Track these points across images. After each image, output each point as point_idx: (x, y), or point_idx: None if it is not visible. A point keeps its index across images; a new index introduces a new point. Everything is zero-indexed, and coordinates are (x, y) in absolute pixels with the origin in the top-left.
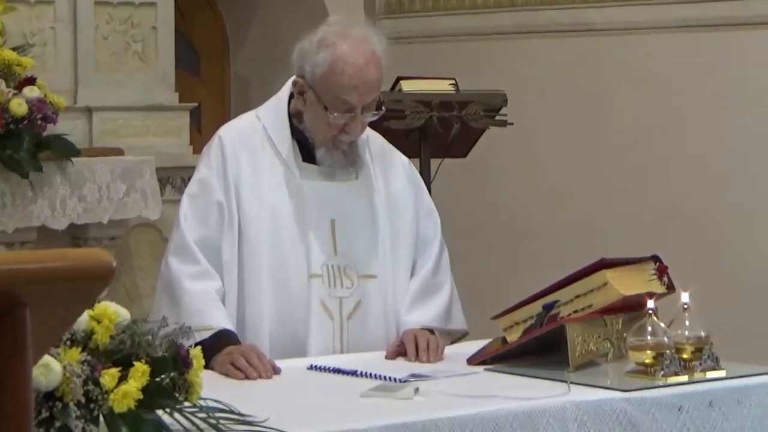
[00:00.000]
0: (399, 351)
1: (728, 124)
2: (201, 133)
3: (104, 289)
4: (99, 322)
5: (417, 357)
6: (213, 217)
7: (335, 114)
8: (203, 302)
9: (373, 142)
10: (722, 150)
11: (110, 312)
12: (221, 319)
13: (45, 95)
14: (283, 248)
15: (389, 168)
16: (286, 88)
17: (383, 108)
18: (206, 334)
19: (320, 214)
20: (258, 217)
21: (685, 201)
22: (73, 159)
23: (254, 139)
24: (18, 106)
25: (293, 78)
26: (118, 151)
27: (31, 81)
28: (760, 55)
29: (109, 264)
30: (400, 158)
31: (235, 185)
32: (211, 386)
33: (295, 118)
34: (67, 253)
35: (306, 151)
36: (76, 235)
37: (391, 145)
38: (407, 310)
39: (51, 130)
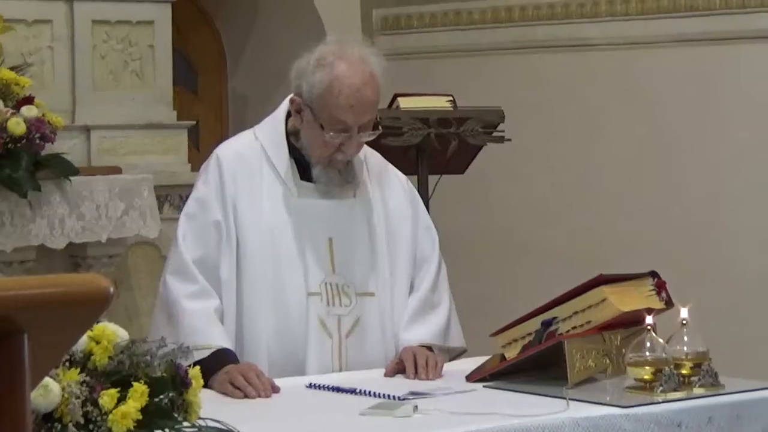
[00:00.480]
0: (398, 368)
1: (726, 138)
2: (199, 150)
3: (102, 314)
4: (98, 342)
5: (416, 374)
6: (211, 236)
7: (331, 133)
8: (202, 321)
9: (370, 159)
10: (720, 164)
11: (109, 332)
12: (220, 338)
13: (43, 114)
14: (281, 267)
15: (387, 185)
16: (284, 107)
17: (380, 128)
18: (205, 353)
19: (318, 233)
20: (256, 236)
21: (683, 216)
22: (72, 178)
23: (252, 157)
24: (16, 126)
25: (290, 96)
26: (117, 170)
27: (29, 100)
28: (758, 68)
29: (106, 289)
30: (397, 176)
31: (232, 204)
32: (210, 405)
33: (292, 136)
34: (65, 278)
35: (303, 169)
36: (74, 254)
37: (388, 163)
38: (406, 328)
39: (49, 149)
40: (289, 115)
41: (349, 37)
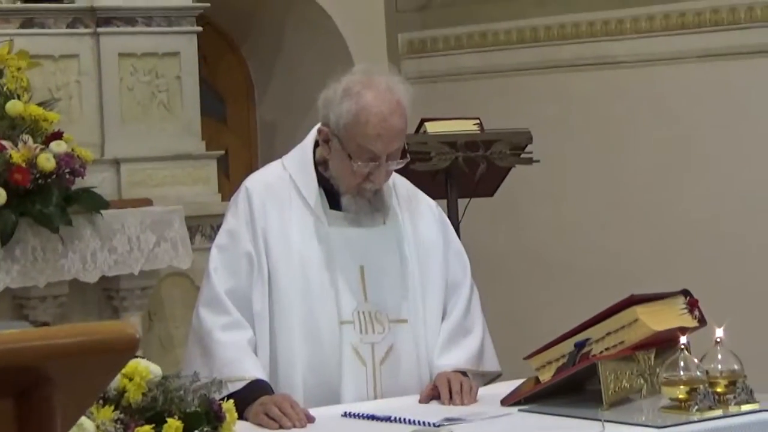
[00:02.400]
0: (432, 394)
1: (754, 153)
2: (229, 178)
3: (129, 360)
4: (131, 379)
5: (450, 400)
6: (242, 268)
7: (359, 162)
8: (236, 353)
9: (399, 186)
10: (749, 179)
11: (141, 369)
12: (254, 369)
13: (72, 149)
14: (313, 296)
15: (416, 212)
16: (311, 136)
17: (408, 156)
18: (239, 385)
19: (349, 261)
20: (287, 266)
21: (713, 233)
22: (103, 211)
23: (281, 188)
24: (46, 161)
25: (318, 126)
26: (147, 202)
27: (58, 135)
28: None
29: (132, 336)
30: (427, 201)
31: (263, 235)
32: None
33: (320, 165)
34: (92, 327)
35: (332, 198)
36: (107, 287)
37: (417, 189)
38: (439, 354)
39: (79, 183)
40: (316, 144)
41: (375, 66)
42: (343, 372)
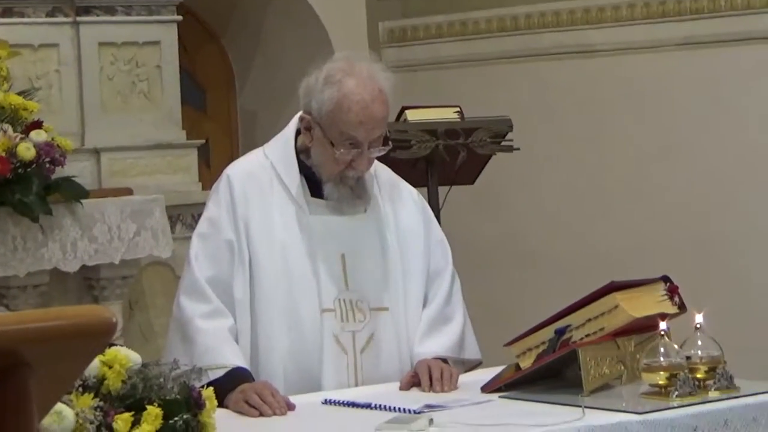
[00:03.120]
0: (413, 381)
1: (735, 141)
2: (210, 168)
3: (107, 344)
4: (110, 367)
5: (431, 387)
6: (224, 256)
7: (341, 150)
8: (216, 341)
9: (381, 174)
10: (729, 167)
11: (121, 357)
12: (234, 357)
13: (52, 138)
14: (294, 284)
15: (398, 200)
16: (293, 124)
17: (390, 143)
18: (220, 373)
19: (330, 249)
20: (269, 254)
21: (693, 221)
22: (83, 200)
23: (262, 176)
24: (26, 151)
25: (300, 114)
26: (128, 191)
27: (37, 125)
28: (765, 70)
29: (109, 320)
30: (408, 190)
31: (244, 223)
32: (226, 425)
33: (302, 153)
34: (68, 311)
35: (314, 186)
36: (88, 276)
37: (399, 177)
38: (420, 341)
39: (59, 172)
40: (298, 132)
41: (357, 54)
42: (324, 360)
